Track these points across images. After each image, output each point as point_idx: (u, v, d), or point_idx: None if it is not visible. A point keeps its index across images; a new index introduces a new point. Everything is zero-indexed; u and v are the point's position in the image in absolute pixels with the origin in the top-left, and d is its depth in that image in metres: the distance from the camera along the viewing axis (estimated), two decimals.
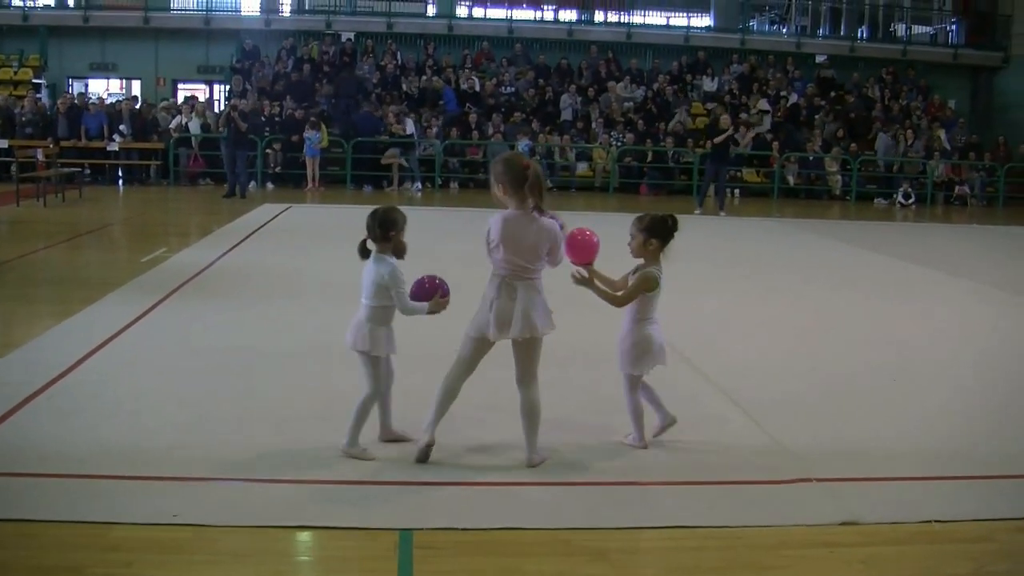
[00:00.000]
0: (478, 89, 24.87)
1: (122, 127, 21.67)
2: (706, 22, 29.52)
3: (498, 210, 4.62)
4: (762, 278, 11.09)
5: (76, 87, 25.83)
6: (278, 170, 21.66)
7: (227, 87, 24.33)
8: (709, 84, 26.26)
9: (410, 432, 4.85)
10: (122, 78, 26.84)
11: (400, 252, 4.70)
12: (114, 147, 21.38)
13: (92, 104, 22.10)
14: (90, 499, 4.11)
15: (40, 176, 16.79)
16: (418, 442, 4.65)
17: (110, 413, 5.22)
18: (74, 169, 18.70)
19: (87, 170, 20.06)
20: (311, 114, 21.56)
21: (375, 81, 24.58)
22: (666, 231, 4.88)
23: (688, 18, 29.21)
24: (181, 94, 25.30)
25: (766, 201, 22.50)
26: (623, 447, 4.98)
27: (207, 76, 26.57)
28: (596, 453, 4.88)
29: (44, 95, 23.92)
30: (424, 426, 4.65)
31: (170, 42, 25.76)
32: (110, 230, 13.97)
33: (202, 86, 26.54)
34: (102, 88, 26.57)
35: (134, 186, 21.22)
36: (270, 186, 21.07)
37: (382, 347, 4.69)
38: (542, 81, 25.46)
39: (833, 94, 26.31)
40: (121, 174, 21.90)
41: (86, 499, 4.11)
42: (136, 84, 26.45)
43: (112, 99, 24.30)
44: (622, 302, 4.89)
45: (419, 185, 21.76)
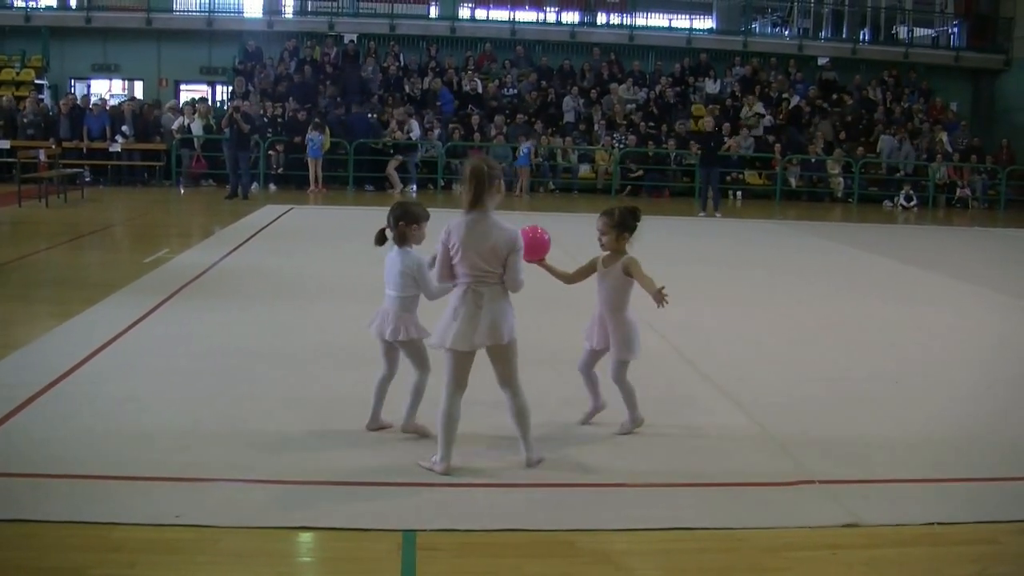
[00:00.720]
0: (480, 91, 24.88)
1: (124, 128, 21.67)
2: (708, 24, 29.49)
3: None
4: (764, 280, 11.08)
5: (78, 88, 25.84)
6: (280, 171, 21.68)
7: (229, 88, 24.34)
8: (711, 86, 26.24)
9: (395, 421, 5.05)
10: (124, 79, 26.83)
11: (416, 244, 4.98)
12: (116, 148, 21.39)
13: (95, 105, 22.10)
14: (92, 500, 4.11)
15: (42, 177, 16.81)
16: (436, 468, 4.54)
17: (112, 414, 5.22)
18: (76, 170, 18.72)
19: (86, 172, 20.03)
20: (314, 115, 21.58)
21: (379, 82, 24.59)
22: (635, 223, 5.12)
23: (690, 20, 29.14)
24: (184, 95, 25.31)
25: (768, 203, 22.50)
26: (624, 447, 4.97)
27: (209, 77, 26.57)
28: (598, 455, 4.88)
29: (46, 96, 23.93)
30: (437, 459, 4.55)
31: (172, 43, 25.76)
32: (112, 231, 13.98)
33: (204, 87, 26.55)
34: (104, 89, 26.56)
35: (136, 187, 21.23)
36: (272, 187, 21.08)
37: (413, 331, 4.89)
38: (544, 83, 25.46)
39: (835, 96, 26.31)
40: (123, 175, 21.90)
41: (88, 500, 4.11)
42: (138, 85, 26.44)
43: (115, 100, 24.30)
44: (646, 285, 4.96)
45: (415, 187, 21.82)
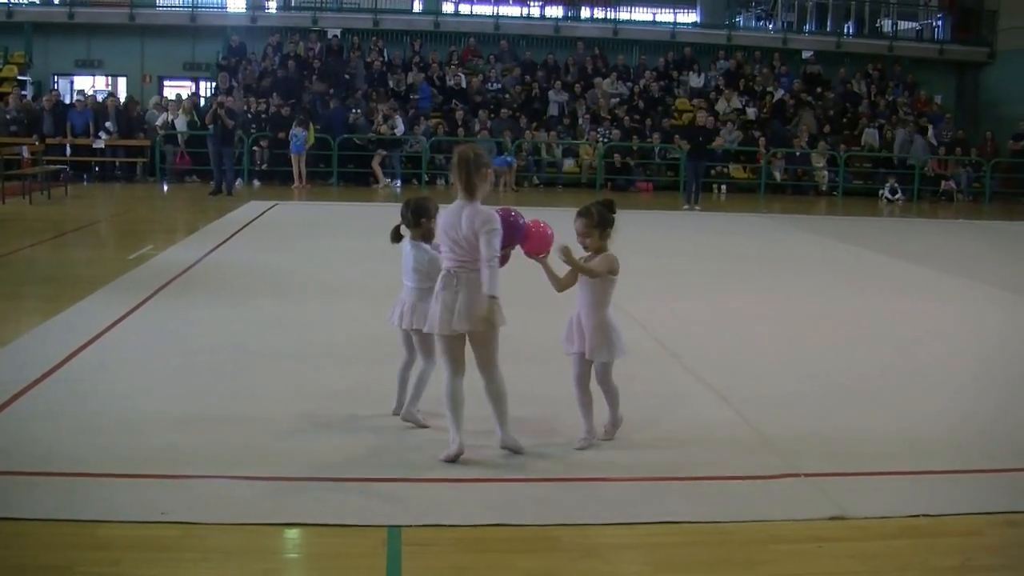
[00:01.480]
0: (464, 86, 24.83)
1: (108, 124, 21.55)
2: (692, 18, 29.53)
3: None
4: (750, 275, 11.09)
5: (62, 84, 25.68)
6: (264, 167, 21.60)
7: (213, 84, 24.24)
8: (696, 80, 26.27)
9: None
10: (108, 75, 26.67)
11: (428, 237, 5.07)
12: (100, 144, 21.27)
13: (78, 101, 21.96)
14: (78, 497, 4.09)
15: (26, 173, 16.71)
16: (449, 449, 4.61)
17: (97, 411, 5.19)
18: (60, 167, 18.61)
19: (68, 169, 19.91)
20: (298, 111, 21.50)
21: (363, 77, 24.53)
22: (612, 216, 4.93)
23: (674, 14, 29.17)
24: (167, 91, 25.16)
25: (753, 197, 22.55)
26: (610, 441, 4.97)
27: (193, 73, 26.45)
28: (585, 450, 4.87)
29: (29, 92, 23.76)
30: (451, 439, 4.61)
31: (156, 39, 25.62)
32: (96, 228, 13.91)
33: (188, 83, 26.42)
34: (88, 85, 26.40)
35: (120, 183, 21.12)
36: (256, 183, 21.00)
37: (423, 321, 4.93)
38: (528, 77, 25.44)
39: (819, 90, 26.36)
40: (107, 171, 21.78)
41: (74, 497, 4.09)
42: (122, 81, 26.30)
43: (99, 96, 24.15)
44: (591, 275, 4.82)
45: (399, 182, 21.77)
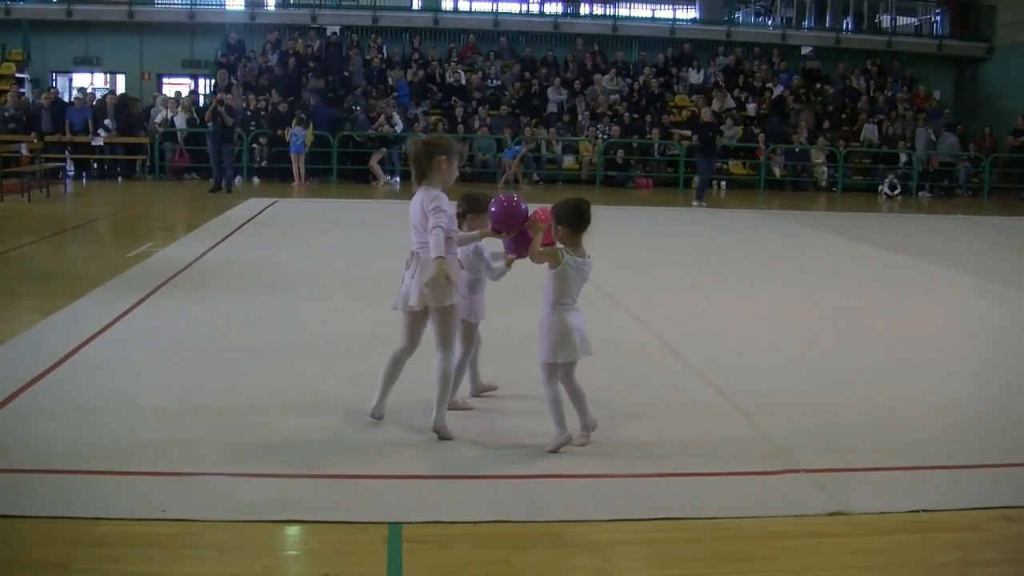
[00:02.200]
0: (464, 82, 24.82)
1: (107, 121, 21.53)
2: (692, 14, 29.51)
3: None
4: (749, 270, 11.09)
5: (60, 81, 25.66)
6: (264, 164, 21.59)
7: (212, 81, 24.21)
8: (695, 76, 26.27)
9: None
10: (106, 72, 26.67)
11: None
12: (99, 142, 21.26)
13: (76, 98, 21.94)
14: (76, 494, 4.08)
15: (24, 171, 16.70)
16: (371, 408, 4.99)
17: (96, 408, 5.18)
18: (58, 164, 18.60)
19: (68, 166, 19.92)
20: (296, 109, 21.49)
21: (362, 74, 24.51)
22: (579, 217, 4.66)
23: (674, 10, 29.15)
24: (166, 88, 25.15)
25: (752, 193, 22.55)
26: (607, 436, 4.94)
27: (192, 70, 26.45)
28: (584, 446, 4.86)
29: (27, 89, 23.75)
30: (375, 398, 4.99)
31: (154, 36, 25.61)
32: (95, 225, 13.90)
33: (187, 80, 26.40)
34: (86, 82, 26.39)
35: (120, 181, 21.10)
36: (256, 181, 20.99)
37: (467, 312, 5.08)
38: (528, 74, 25.44)
39: (818, 85, 26.35)
40: (107, 169, 21.76)
41: (72, 494, 4.08)
42: (120, 78, 26.29)
43: (98, 93, 24.14)
44: (532, 255, 4.75)
45: (397, 179, 21.79)
